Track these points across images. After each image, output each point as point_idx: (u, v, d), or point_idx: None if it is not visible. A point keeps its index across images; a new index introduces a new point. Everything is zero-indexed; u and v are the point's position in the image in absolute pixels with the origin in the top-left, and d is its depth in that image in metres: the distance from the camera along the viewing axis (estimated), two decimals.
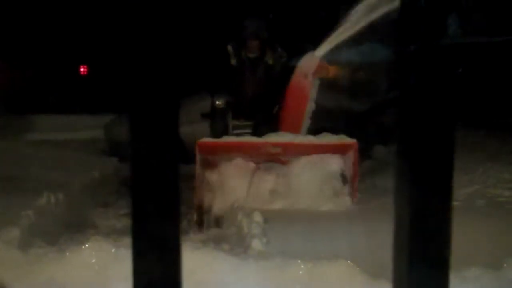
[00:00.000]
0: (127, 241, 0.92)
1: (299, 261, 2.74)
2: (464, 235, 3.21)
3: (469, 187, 5.02)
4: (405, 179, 0.96)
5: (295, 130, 4.75)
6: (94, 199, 5.25)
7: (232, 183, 4.36)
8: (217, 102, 4.94)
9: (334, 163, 4.41)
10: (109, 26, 11.48)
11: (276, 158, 4.46)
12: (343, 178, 4.41)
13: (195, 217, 4.32)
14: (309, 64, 4.90)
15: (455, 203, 3.43)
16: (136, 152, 0.95)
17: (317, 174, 4.36)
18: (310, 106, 4.97)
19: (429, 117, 0.96)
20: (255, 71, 5.07)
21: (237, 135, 4.87)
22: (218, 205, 4.33)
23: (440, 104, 0.95)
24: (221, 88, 5.01)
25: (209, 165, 4.45)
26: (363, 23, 4.36)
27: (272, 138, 4.49)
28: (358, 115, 8.55)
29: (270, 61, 5.07)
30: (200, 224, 4.30)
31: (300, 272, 2.70)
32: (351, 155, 4.36)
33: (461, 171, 5.55)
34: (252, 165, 4.45)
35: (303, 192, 4.25)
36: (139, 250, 0.95)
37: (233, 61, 5.02)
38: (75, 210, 4.61)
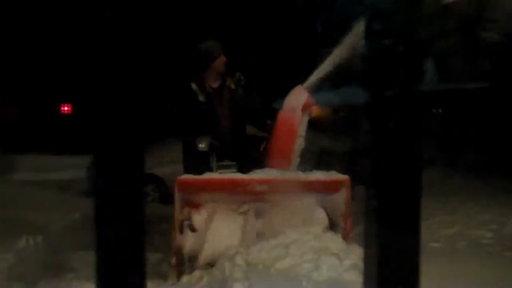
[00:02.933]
0: None
1: None
2: (445, 276, 3.21)
3: (451, 228, 5.04)
4: (374, 219, 0.99)
5: (283, 168, 4.43)
6: (74, 241, 5.17)
7: (214, 225, 4.07)
8: (200, 145, 4.57)
9: (320, 204, 4.14)
10: (89, 66, 11.52)
11: (262, 197, 4.13)
12: (330, 221, 4.12)
13: (173, 260, 4.00)
14: (298, 98, 4.69)
15: (437, 244, 3.46)
16: (100, 190, 0.96)
17: (301, 217, 4.07)
18: (299, 143, 4.72)
19: (398, 160, 0.98)
20: (222, 100, 4.88)
21: (221, 173, 4.48)
22: (198, 248, 4.03)
23: (411, 146, 0.98)
24: (199, 129, 4.71)
25: (189, 204, 4.14)
26: (347, 55, 4.24)
27: (258, 175, 4.17)
28: (339, 156, 8.61)
29: (232, 86, 4.88)
30: (179, 268, 3.99)
31: None
32: (343, 192, 4.05)
33: (443, 212, 5.58)
34: (236, 205, 4.14)
35: (288, 236, 3.90)
36: None
37: (201, 97, 4.81)
38: (55, 253, 4.53)
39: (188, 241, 4.06)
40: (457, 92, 10.43)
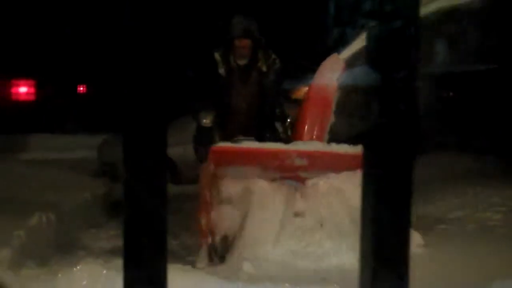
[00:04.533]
0: (117, 262, 0.94)
1: (287, 284, 2.76)
2: (454, 258, 3.23)
3: (459, 211, 5.03)
4: (370, 199, 1.02)
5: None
6: (85, 219, 5.23)
7: (242, 201, 3.70)
8: (203, 120, 4.27)
9: None
10: (105, 47, 11.53)
11: (297, 173, 3.70)
12: None
13: (202, 241, 3.68)
14: (333, 67, 4.32)
15: (445, 226, 3.45)
16: (128, 173, 0.97)
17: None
18: (332, 117, 4.37)
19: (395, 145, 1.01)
20: (247, 81, 4.43)
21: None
22: (222, 225, 3.72)
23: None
24: (207, 104, 4.35)
25: (218, 178, 3.77)
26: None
27: (298, 146, 3.73)
28: (350, 136, 8.59)
29: (264, 68, 4.41)
30: (205, 245, 3.71)
31: None
32: None
33: (452, 194, 5.57)
34: (271, 179, 3.72)
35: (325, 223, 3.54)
36: (129, 268, 0.98)
37: (221, 70, 4.38)
38: (67, 230, 4.59)
39: (214, 216, 3.77)
40: (467, 74, 10.34)
